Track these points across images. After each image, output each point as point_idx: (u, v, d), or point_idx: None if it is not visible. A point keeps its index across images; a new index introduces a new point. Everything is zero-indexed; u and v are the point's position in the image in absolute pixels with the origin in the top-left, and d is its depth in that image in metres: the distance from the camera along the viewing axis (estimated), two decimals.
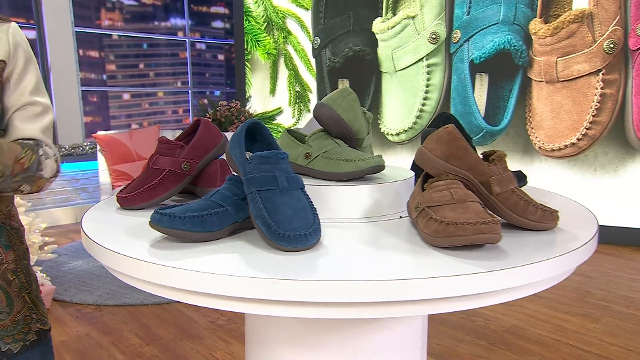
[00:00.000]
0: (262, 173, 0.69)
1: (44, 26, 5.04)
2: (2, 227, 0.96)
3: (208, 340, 2.48)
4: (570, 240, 0.70)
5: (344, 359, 0.83)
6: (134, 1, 7.81)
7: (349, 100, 0.88)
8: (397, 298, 0.55)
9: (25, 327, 0.99)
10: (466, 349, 2.35)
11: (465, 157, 0.74)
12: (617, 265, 3.53)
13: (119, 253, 0.66)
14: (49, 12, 5.04)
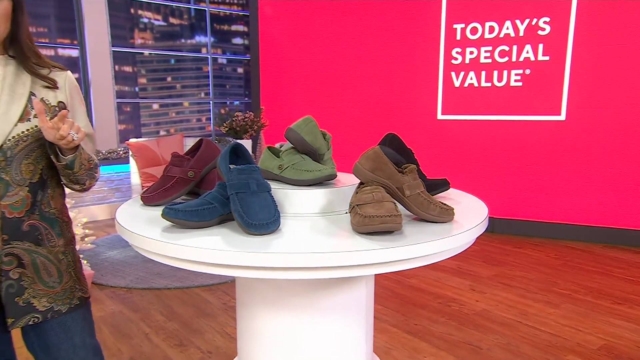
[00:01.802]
0: (239, 180, 0.93)
1: (85, 46, 5.36)
2: (57, 220, 1.21)
3: (220, 318, 2.72)
4: (455, 229, 0.92)
5: (305, 316, 1.06)
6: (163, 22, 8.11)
7: (310, 127, 1.12)
8: (316, 264, 0.78)
9: (70, 294, 1.23)
10: (439, 329, 2.55)
11: (385, 170, 0.97)
12: (585, 260, 3.69)
13: (140, 235, 0.89)
14: (90, 33, 5.35)
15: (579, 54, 4.01)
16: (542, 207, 4.33)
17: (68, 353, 1.22)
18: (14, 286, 1.12)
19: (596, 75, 3.98)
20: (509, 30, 4.24)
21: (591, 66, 3.99)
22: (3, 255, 1.10)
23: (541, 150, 4.26)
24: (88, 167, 1.18)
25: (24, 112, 1.11)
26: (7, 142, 1.08)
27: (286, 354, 1.08)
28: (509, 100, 4.32)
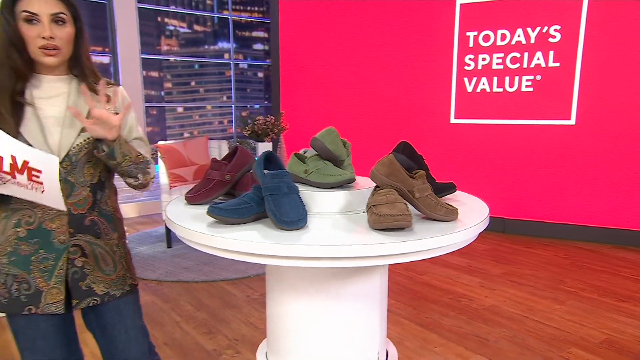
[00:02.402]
0: (272, 184, 1.06)
1: (117, 53, 5.58)
2: (112, 216, 1.37)
3: (245, 309, 2.87)
4: (458, 227, 1.04)
5: (327, 302, 1.19)
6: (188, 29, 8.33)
7: (333, 136, 1.25)
8: (336, 255, 0.91)
9: (123, 281, 1.39)
10: (449, 322, 2.66)
11: (398, 175, 1.09)
12: (593, 259, 3.76)
13: (190, 229, 1.04)
14: (122, 42, 5.58)
15: (588, 61, 4.07)
16: (552, 208, 4.39)
17: (121, 332, 1.38)
18: (78, 273, 1.28)
19: (605, 81, 4.03)
20: (520, 37, 4.31)
21: (601, 72, 4.04)
22: (70, 246, 1.26)
23: (551, 154, 4.32)
24: (137, 161, 1.30)
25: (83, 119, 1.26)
26: (72, 149, 1.24)
27: (310, 336, 1.22)
28: (520, 105, 4.39)
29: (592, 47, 4.05)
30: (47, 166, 1.10)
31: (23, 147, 1.09)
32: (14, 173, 1.09)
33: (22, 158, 1.08)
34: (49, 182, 1.11)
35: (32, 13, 1.16)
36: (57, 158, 1.11)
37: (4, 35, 1.18)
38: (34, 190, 1.12)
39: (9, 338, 2.48)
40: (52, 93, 1.25)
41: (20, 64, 1.19)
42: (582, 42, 4.08)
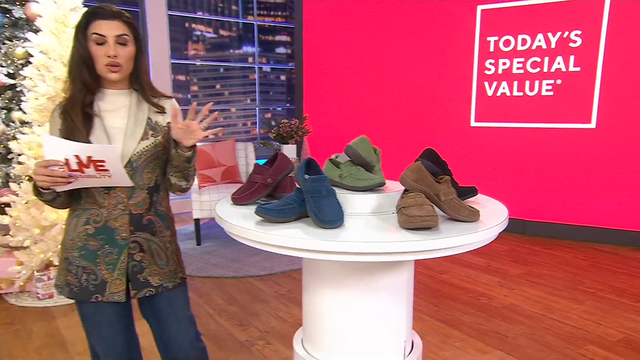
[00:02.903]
0: (313, 187, 1.19)
1: (149, 59, 5.80)
2: (166, 216, 1.51)
3: (273, 304, 3.01)
4: (480, 227, 1.15)
5: (358, 294, 1.31)
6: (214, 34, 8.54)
7: (365, 144, 1.37)
8: (373, 250, 1.03)
9: (174, 275, 1.53)
10: (469, 319, 2.75)
11: (425, 180, 1.21)
12: (612, 261, 3.79)
13: (241, 226, 1.17)
14: (154, 47, 5.79)
15: (609, 65, 4.09)
16: (571, 210, 4.42)
17: (172, 321, 1.52)
18: (137, 266, 1.43)
19: (626, 85, 4.05)
20: (541, 42, 4.36)
21: (621, 76, 4.06)
22: (130, 242, 1.41)
23: (571, 156, 4.35)
24: (194, 167, 1.48)
25: (144, 133, 1.41)
26: (133, 156, 1.39)
27: (343, 325, 1.33)
28: (540, 109, 4.43)
29: (613, 51, 4.07)
30: (109, 155, 1.23)
31: (83, 146, 1.24)
32: (82, 169, 1.24)
33: (85, 155, 1.22)
34: (114, 167, 1.26)
35: (101, 35, 1.32)
36: (115, 146, 1.26)
37: (77, 55, 1.33)
38: (103, 178, 1.28)
39: (59, 325, 2.67)
40: (115, 105, 1.40)
41: (89, 79, 1.35)
42: (603, 47, 4.11)
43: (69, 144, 1.22)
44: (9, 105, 3.51)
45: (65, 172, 1.23)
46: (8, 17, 3.52)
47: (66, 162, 1.22)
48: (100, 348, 1.47)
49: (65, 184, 1.26)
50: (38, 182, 1.25)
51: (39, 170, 1.22)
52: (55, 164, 1.22)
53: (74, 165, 1.23)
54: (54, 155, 1.22)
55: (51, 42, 3.04)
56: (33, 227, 3.00)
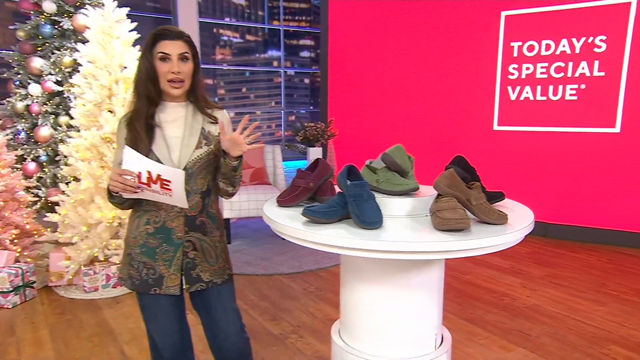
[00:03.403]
0: (355, 191, 1.30)
1: None
2: (216, 217, 1.64)
3: (303, 300, 3.13)
4: (508, 229, 1.25)
5: (393, 290, 1.41)
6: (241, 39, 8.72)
7: (401, 152, 1.48)
8: (407, 249, 1.14)
9: (223, 271, 1.66)
10: (492, 318, 2.83)
11: (458, 185, 1.31)
12: (636, 264, 3.79)
13: (290, 226, 1.29)
14: None
15: (634, 70, 4.10)
16: (595, 213, 4.43)
17: (220, 313, 1.65)
18: (190, 263, 1.56)
19: None
20: (565, 47, 4.38)
21: None
22: (185, 241, 1.55)
23: (595, 160, 4.36)
24: (241, 173, 1.60)
25: (198, 142, 1.54)
26: (189, 163, 1.52)
27: (379, 317, 1.44)
28: (564, 113, 4.46)
29: (638, 56, 4.07)
30: (176, 177, 1.38)
31: (157, 165, 1.39)
32: (150, 184, 1.39)
33: (156, 172, 1.37)
34: (177, 189, 1.40)
35: (166, 53, 1.46)
36: (184, 172, 1.39)
37: (144, 71, 1.48)
38: (165, 195, 1.42)
39: (106, 316, 2.84)
40: (174, 117, 1.54)
41: (154, 94, 1.49)
42: (629, 52, 4.11)
43: (146, 160, 1.38)
44: (57, 111, 3.72)
45: (135, 183, 1.38)
46: (57, 28, 3.73)
47: (139, 174, 1.37)
48: (157, 335, 1.62)
49: (132, 193, 1.41)
50: (111, 186, 1.40)
51: (114, 176, 1.37)
52: (129, 174, 1.37)
53: (144, 179, 1.38)
54: (130, 167, 1.37)
55: (98, 52, 3.23)
56: (80, 225, 3.19)
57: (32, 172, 3.68)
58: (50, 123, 3.73)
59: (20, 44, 3.79)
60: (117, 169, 1.39)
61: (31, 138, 3.74)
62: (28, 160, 3.69)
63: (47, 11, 3.65)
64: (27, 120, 3.71)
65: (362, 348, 1.49)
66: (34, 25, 3.72)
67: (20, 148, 3.68)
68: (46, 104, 3.70)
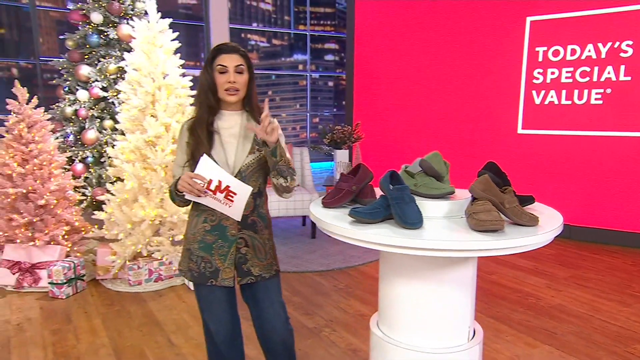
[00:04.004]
0: (397, 195, 1.42)
1: None
2: (265, 217, 1.78)
3: (333, 297, 3.26)
4: (539, 230, 1.35)
5: (429, 284, 1.53)
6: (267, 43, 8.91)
7: (438, 159, 1.59)
8: (447, 247, 1.25)
9: (270, 267, 1.79)
10: (518, 316, 2.90)
11: (492, 190, 1.42)
12: None
13: (338, 225, 1.42)
14: None
15: None
16: (619, 216, 4.43)
17: (267, 305, 1.79)
18: (242, 258, 1.71)
19: None
20: (590, 52, 4.40)
21: None
22: (238, 238, 1.69)
23: (620, 163, 4.37)
24: (288, 163, 1.66)
25: (251, 148, 1.69)
26: (243, 166, 1.67)
27: (416, 310, 1.56)
28: (589, 117, 4.48)
29: None
30: (242, 192, 1.54)
31: (229, 177, 1.55)
32: (216, 192, 1.54)
33: (226, 183, 1.53)
34: (239, 202, 1.56)
35: (224, 66, 1.61)
36: (251, 188, 1.54)
37: (205, 83, 1.63)
38: (224, 205, 1.57)
39: (151, 308, 3.02)
40: (230, 124, 1.69)
41: (213, 102, 1.64)
42: None
43: (220, 170, 1.53)
44: (102, 115, 3.94)
45: (203, 188, 1.53)
46: (103, 37, 3.95)
47: (209, 182, 1.52)
48: (211, 323, 1.77)
49: (196, 196, 1.56)
50: (179, 186, 1.55)
51: (185, 178, 1.52)
52: (200, 179, 1.52)
53: (213, 186, 1.53)
54: (203, 173, 1.52)
55: (143, 60, 3.42)
56: (125, 222, 3.38)
57: (80, 173, 3.90)
58: (96, 127, 3.95)
59: (69, 53, 4.02)
60: (190, 173, 1.54)
61: (79, 140, 3.96)
62: (76, 162, 3.91)
63: (95, 22, 3.87)
64: (75, 124, 3.94)
65: (400, 338, 1.60)
66: (82, 35, 3.94)
67: (68, 150, 3.90)
68: (92, 108, 3.91)
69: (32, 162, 3.31)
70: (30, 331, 2.70)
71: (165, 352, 2.46)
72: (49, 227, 3.37)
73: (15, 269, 3.29)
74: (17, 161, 3.28)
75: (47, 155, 3.39)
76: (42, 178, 3.35)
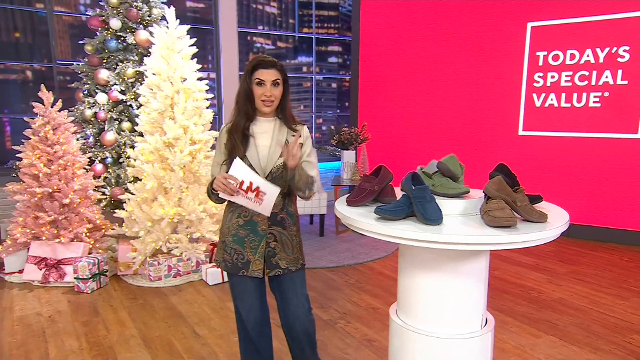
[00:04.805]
0: (419, 194, 1.55)
1: (221, 72, 6.33)
2: (293, 214, 1.90)
3: (345, 291, 3.39)
4: (548, 226, 1.48)
5: (447, 276, 1.66)
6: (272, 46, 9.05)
7: (454, 161, 1.72)
8: (467, 241, 1.38)
9: (296, 261, 1.92)
10: (521, 309, 3.04)
11: (505, 190, 1.55)
12: None
13: (364, 222, 1.55)
14: (225, 63, 6.31)
15: None
16: (617, 215, 4.57)
17: (292, 296, 1.92)
18: (271, 251, 1.84)
19: None
20: (589, 57, 4.54)
21: None
22: (267, 233, 1.82)
23: (617, 164, 4.51)
24: (307, 181, 1.83)
25: (282, 152, 1.81)
26: (274, 168, 1.80)
27: (433, 300, 1.69)
28: (587, 119, 4.61)
29: None
30: (271, 192, 1.68)
31: (259, 178, 1.68)
32: (247, 192, 1.67)
33: (256, 185, 1.66)
34: (267, 202, 1.69)
35: (262, 80, 1.74)
36: (279, 189, 1.67)
37: (243, 92, 1.77)
38: (255, 203, 1.70)
39: (173, 302, 3.15)
40: (264, 130, 1.82)
41: (250, 110, 1.77)
42: None
43: (252, 173, 1.67)
44: (120, 117, 4.06)
45: (235, 188, 1.66)
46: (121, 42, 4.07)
47: (241, 182, 1.65)
48: (242, 310, 1.90)
49: (229, 195, 1.69)
50: (215, 185, 1.68)
51: (220, 178, 1.65)
52: (234, 179, 1.65)
53: (244, 187, 1.66)
54: (235, 174, 1.65)
55: (162, 65, 3.55)
56: (145, 221, 3.51)
57: (100, 173, 4.02)
58: (115, 128, 4.07)
59: (89, 57, 4.14)
60: (225, 174, 1.67)
61: (98, 142, 4.08)
62: (96, 162, 4.03)
63: (113, 27, 3.99)
64: (94, 126, 4.06)
65: (419, 326, 1.73)
66: (100, 40, 4.06)
67: (89, 151, 4.03)
68: (111, 111, 4.03)
69: (57, 163, 3.43)
70: (62, 323, 2.83)
71: (191, 342, 2.59)
72: (72, 225, 3.49)
73: (42, 264, 3.41)
74: (43, 162, 3.40)
75: (71, 156, 3.51)
76: (66, 178, 3.47)
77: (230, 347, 2.53)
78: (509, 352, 2.50)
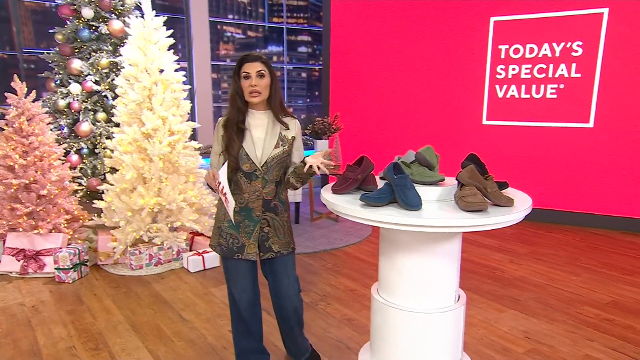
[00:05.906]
0: (401, 182, 1.69)
1: (192, 61, 6.28)
2: (284, 201, 2.01)
3: (323, 275, 3.53)
4: (514, 210, 1.66)
5: (425, 256, 1.82)
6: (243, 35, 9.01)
7: (430, 151, 1.87)
8: (445, 224, 1.54)
9: (288, 245, 2.03)
10: (487, 287, 3.27)
11: (476, 177, 1.71)
12: (605, 242, 4.29)
13: (351, 208, 1.68)
14: (197, 52, 6.26)
15: (607, 72, 4.55)
16: (571, 199, 4.92)
17: (284, 278, 2.04)
18: (264, 236, 1.95)
19: (621, 89, 4.52)
20: (546, 51, 4.81)
21: (617, 82, 4.52)
22: (261, 219, 1.92)
23: (572, 151, 4.84)
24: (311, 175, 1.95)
25: (276, 143, 1.91)
26: (269, 158, 1.89)
27: (411, 279, 1.85)
28: (545, 110, 4.91)
29: (610, 59, 4.53)
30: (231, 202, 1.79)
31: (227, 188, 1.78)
32: (222, 194, 1.79)
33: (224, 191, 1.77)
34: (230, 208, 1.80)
35: (247, 72, 1.83)
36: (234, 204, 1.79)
37: (233, 89, 1.85)
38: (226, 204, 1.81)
39: (157, 289, 3.20)
40: (258, 122, 1.91)
41: (241, 105, 1.86)
42: (602, 55, 4.56)
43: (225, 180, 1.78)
44: (95, 108, 4.01)
45: (217, 187, 1.79)
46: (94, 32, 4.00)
47: (222, 185, 1.77)
48: (236, 291, 2.01)
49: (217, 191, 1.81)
50: (206, 176, 1.81)
51: (212, 173, 1.78)
52: (216, 179, 1.77)
53: (220, 187, 1.78)
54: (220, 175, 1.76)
55: (139, 56, 3.54)
56: (125, 211, 3.52)
57: (75, 164, 3.97)
58: (90, 119, 4.02)
59: (60, 46, 4.05)
60: (216, 171, 1.79)
61: (72, 132, 4.03)
62: (71, 153, 3.98)
63: (85, 16, 3.92)
64: (68, 116, 4.00)
65: (399, 302, 1.89)
66: (72, 29, 3.99)
67: (63, 142, 3.97)
68: (85, 101, 3.98)
69: (33, 154, 3.39)
70: (47, 312, 2.84)
71: (179, 326, 2.67)
72: (50, 216, 3.47)
73: (20, 256, 3.38)
74: (18, 153, 3.35)
75: (47, 147, 3.47)
76: (42, 169, 3.43)
77: (218, 329, 2.63)
78: (476, 325, 2.71)
